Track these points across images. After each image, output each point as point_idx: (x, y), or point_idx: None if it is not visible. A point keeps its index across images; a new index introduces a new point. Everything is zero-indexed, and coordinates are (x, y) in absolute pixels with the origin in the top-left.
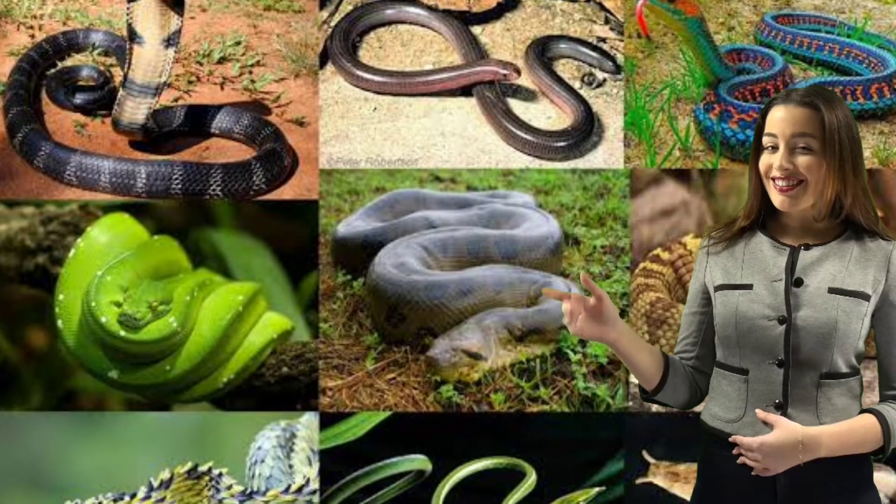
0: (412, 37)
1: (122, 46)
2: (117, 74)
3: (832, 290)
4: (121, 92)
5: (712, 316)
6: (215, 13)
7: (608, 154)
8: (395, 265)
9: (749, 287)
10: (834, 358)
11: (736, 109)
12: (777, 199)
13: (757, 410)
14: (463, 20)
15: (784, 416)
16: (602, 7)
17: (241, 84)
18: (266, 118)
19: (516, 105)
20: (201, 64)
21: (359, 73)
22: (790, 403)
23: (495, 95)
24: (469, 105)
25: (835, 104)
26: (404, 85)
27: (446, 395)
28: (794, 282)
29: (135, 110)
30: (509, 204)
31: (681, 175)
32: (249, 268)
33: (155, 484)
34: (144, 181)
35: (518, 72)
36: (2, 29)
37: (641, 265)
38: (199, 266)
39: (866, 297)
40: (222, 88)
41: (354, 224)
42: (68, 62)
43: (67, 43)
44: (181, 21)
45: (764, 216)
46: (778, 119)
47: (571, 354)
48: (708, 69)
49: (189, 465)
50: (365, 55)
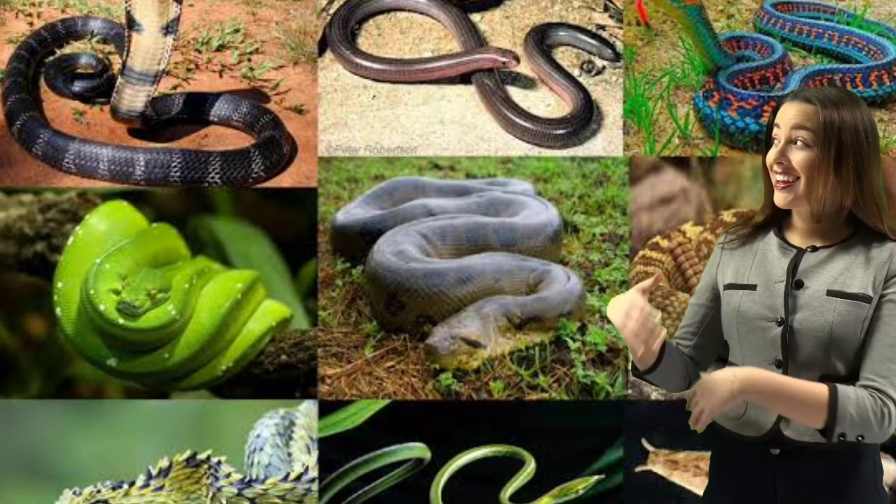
0: (411, 24)
1: (121, 34)
2: (116, 62)
3: (831, 293)
4: (119, 79)
5: (717, 311)
6: (214, 1)
7: (607, 142)
8: (394, 253)
9: (753, 288)
10: (832, 361)
11: (735, 97)
12: (776, 195)
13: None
14: (462, 8)
15: (781, 417)
16: None
17: (240, 72)
18: (265, 106)
19: (515, 93)
20: (200, 52)
21: (358, 61)
22: None
23: (494, 83)
24: (468, 93)
25: (843, 105)
26: (403, 73)
27: (445, 383)
28: (795, 284)
29: (133, 98)
30: (508, 192)
31: (680, 163)
32: (248, 255)
33: (153, 472)
34: (143, 169)
35: (517, 59)
36: (0, 16)
37: (640, 253)
38: (198, 254)
39: (867, 300)
40: (221, 76)
41: (353, 212)
42: (67, 50)
43: (66, 30)
44: (180, 9)
45: (781, 216)
46: (782, 114)
47: (570, 342)
48: (707, 57)
49: (188, 453)
50: (364, 43)
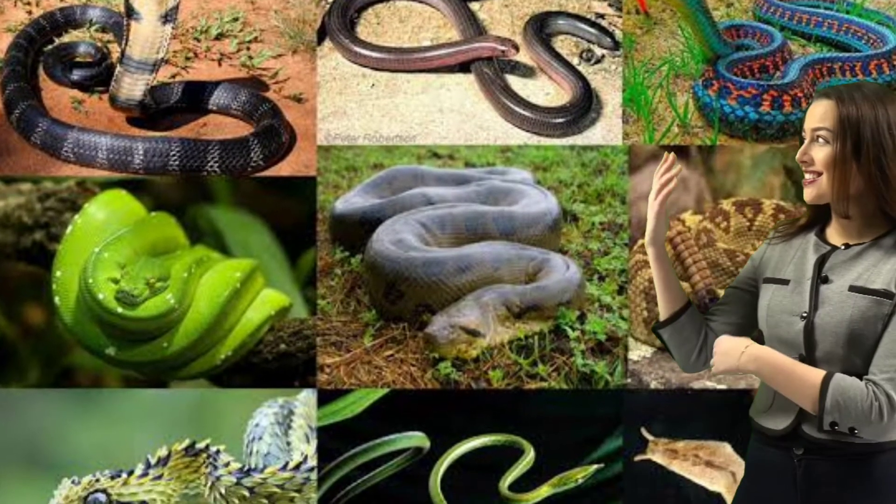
0: (410, 13)
1: (120, 22)
2: (115, 50)
3: (853, 289)
4: (118, 68)
5: (747, 296)
6: None
7: (606, 130)
8: (393, 242)
9: (785, 283)
10: (852, 357)
11: (734, 86)
12: (804, 192)
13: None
14: None
15: (803, 412)
16: None
17: (239, 60)
18: (264, 94)
19: (514, 81)
20: (199, 40)
21: (357, 50)
22: None
23: (493, 72)
24: (467, 81)
25: (865, 99)
26: (402, 61)
27: (444, 372)
28: (822, 280)
29: (132, 86)
30: (507, 180)
31: (679, 151)
32: (247, 244)
33: (152, 461)
34: (142, 157)
35: (516, 48)
36: None
37: (640, 242)
38: (197, 243)
39: (889, 297)
40: (220, 65)
41: (352, 200)
42: (65, 38)
43: (65, 19)
44: None
45: (826, 217)
46: (808, 113)
47: (570, 331)
48: (706, 45)
49: (186, 443)
50: (363, 31)
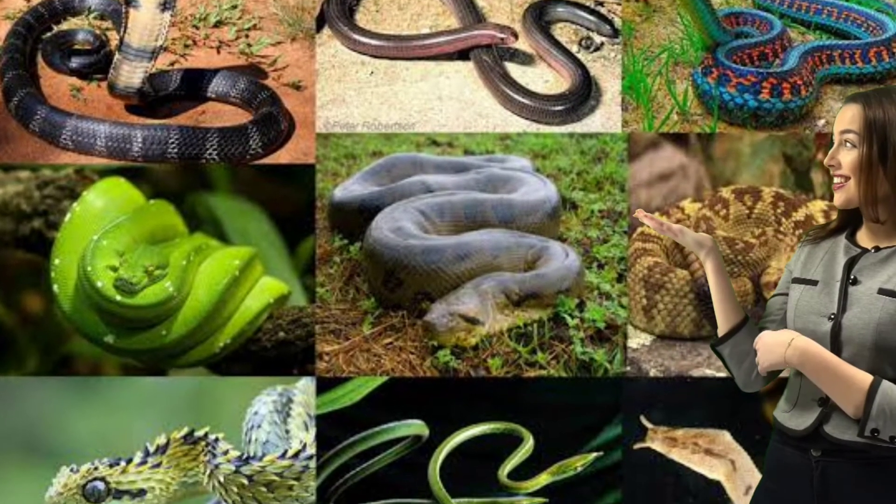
0: (409, 0)
1: (118, 10)
2: (113, 38)
3: (882, 291)
4: (117, 56)
5: None
6: None
7: (606, 118)
8: (392, 229)
9: (814, 283)
10: (879, 360)
11: (734, 73)
12: (834, 197)
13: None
14: None
15: (826, 413)
16: None
17: (238, 48)
18: (262, 82)
19: (514, 69)
20: (197, 28)
21: (356, 37)
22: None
23: (492, 59)
24: (466, 69)
25: (891, 104)
26: (401, 49)
27: (443, 360)
28: (851, 281)
29: (131, 74)
30: (507, 168)
31: (679, 139)
32: (246, 232)
33: (151, 449)
34: (140, 145)
35: (515, 35)
36: None
37: (639, 229)
38: (196, 230)
39: None
40: (219, 52)
41: (351, 188)
42: (64, 26)
43: (63, 6)
44: None
45: (857, 220)
46: (837, 118)
47: (569, 319)
48: (706, 33)
49: (185, 431)
50: (362, 19)
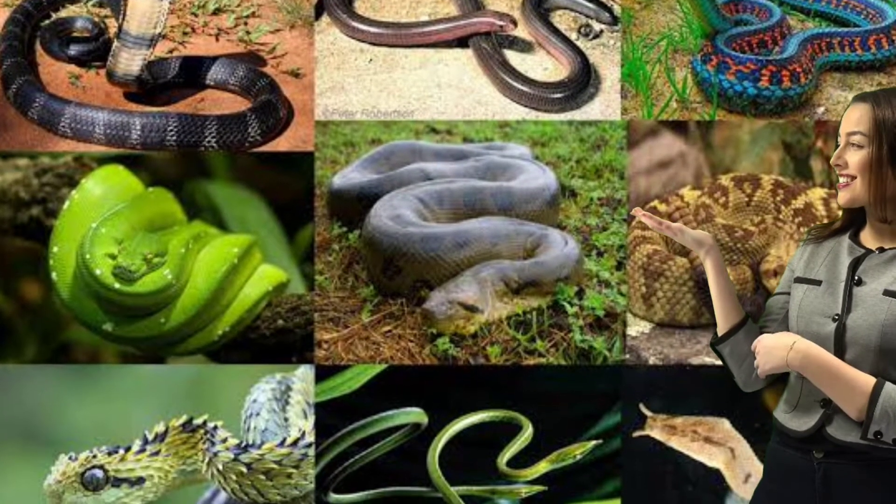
0: None
1: None
2: (112, 26)
3: (887, 293)
4: (115, 43)
5: None
6: None
7: (605, 106)
8: (391, 217)
9: (817, 284)
10: (883, 362)
11: (733, 61)
12: (838, 195)
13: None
14: None
15: (828, 414)
16: None
17: (237, 35)
18: (261, 70)
19: (513, 56)
20: (196, 15)
21: (354, 25)
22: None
23: (491, 47)
24: (465, 56)
25: None
26: (400, 36)
27: (442, 348)
28: (855, 282)
29: (129, 62)
30: (506, 156)
31: (678, 127)
32: (244, 220)
33: (150, 437)
34: (139, 133)
35: (514, 23)
36: None
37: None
38: (194, 218)
39: None
40: (217, 40)
41: (350, 176)
42: (62, 13)
43: None
44: None
45: (859, 221)
46: (843, 118)
47: (568, 307)
48: (705, 20)
49: (184, 419)
50: (360, 6)
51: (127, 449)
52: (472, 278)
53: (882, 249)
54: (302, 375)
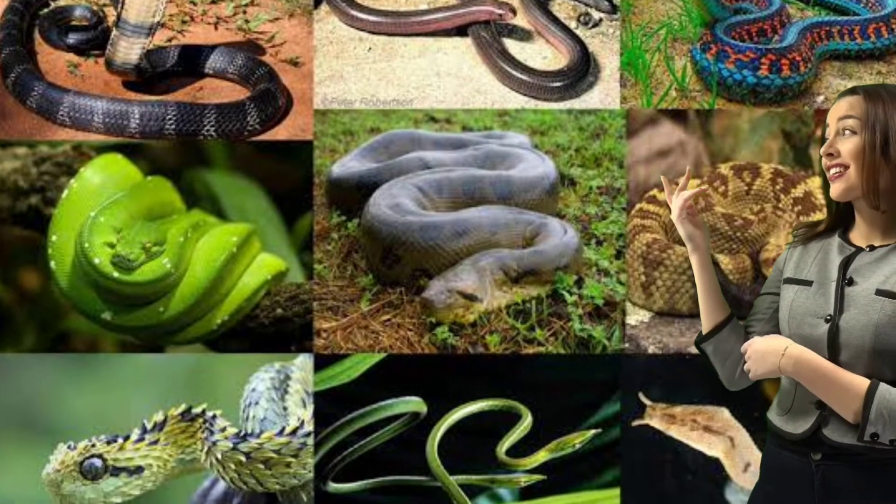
0: None
1: None
2: (110, 14)
3: (879, 292)
4: (114, 32)
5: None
6: None
7: (604, 94)
8: (390, 206)
9: (808, 284)
10: (877, 363)
11: (733, 49)
12: (831, 188)
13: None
14: None
15: (823, 416)
16: None
17: (235, 24)
18: (260, 58)
19: (512, 45)
20: (195, 4)
21: (353, 13)
22: None
23: (491, 35)
24: (464, 45)
25: (889, 95)
26: (399, 25)
27: (441, 337)
28: (847, 282)
29: (128, 50)
30: (505, 144)
31: (677, 115)
32: (243, 209)
33: (148, 426)
34: (138, 121)
35: (514, 12)
36: None
37: (638, 206)
38: (193, 207)
39: None
40: (216, 28)
41: (349, 165)
42: (61, 2)
43: None
44: None
45: (846, 221)
46: (831, 112)
47: (567, 296)
48: (705, 9)
49: (183, 408)
50: None
51: (126, 438)
52: (472, 267)
53: (872, 247)
54: (301, 364)
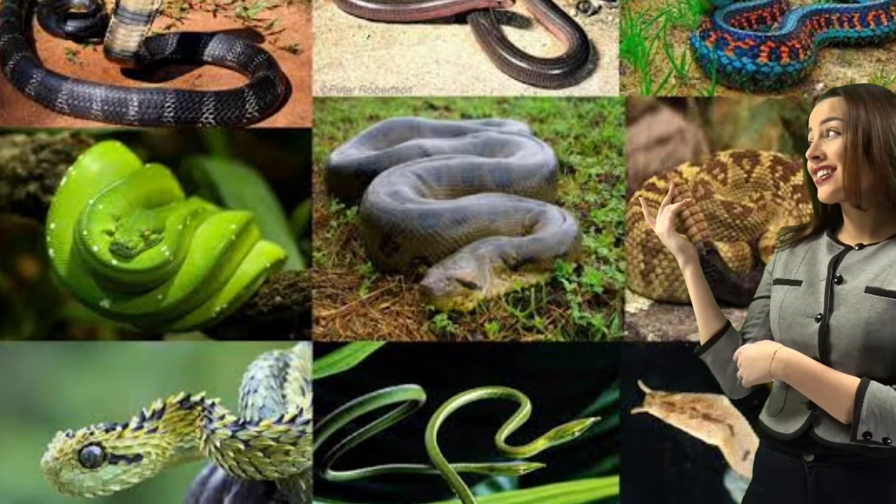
0: None
1: None
2: (109, 2)
3: (869, 290)
4: (113, 19)
5: None
6: None
7: (603, 82)
8: (389, 193)
9: (798, 284)
10: (869, 361)
11: (732, 37)
12: (819, 191)
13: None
14: None
15: (815, 416)
16: None
17: (234, 11)
18: (259, 46)
19: (511, 32)
20: None
21: (352, 1)
22: None
23: (490, 23)
24: (463, 32)
25: (868, 94)
26: (398, 12)
27: (440, 325)
28: (836, 280)
29: (127, 38)
30: (504, 132)
31: (676, 103)
32: (242, 196)
33: (147, 414)
34: (136, 109)
35: None
36: None
37: (637, 194)
38: (192, 195)
39: None
40: (215, 16)
41: (348, 152)
42: None
43: None
44: None
45: (833, 223)
46: (812, 115)
47: (566, 283)
48: None
49: (181, 395)
50: None
51: (124, 426)
52: (471, 255)
53: (861, 246)
54: (300, 352)
